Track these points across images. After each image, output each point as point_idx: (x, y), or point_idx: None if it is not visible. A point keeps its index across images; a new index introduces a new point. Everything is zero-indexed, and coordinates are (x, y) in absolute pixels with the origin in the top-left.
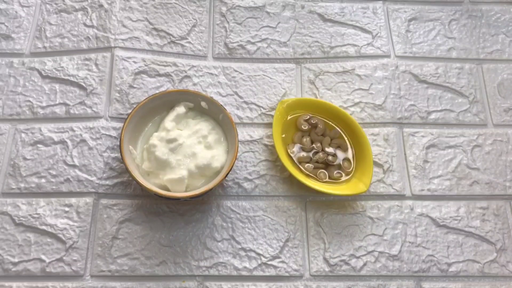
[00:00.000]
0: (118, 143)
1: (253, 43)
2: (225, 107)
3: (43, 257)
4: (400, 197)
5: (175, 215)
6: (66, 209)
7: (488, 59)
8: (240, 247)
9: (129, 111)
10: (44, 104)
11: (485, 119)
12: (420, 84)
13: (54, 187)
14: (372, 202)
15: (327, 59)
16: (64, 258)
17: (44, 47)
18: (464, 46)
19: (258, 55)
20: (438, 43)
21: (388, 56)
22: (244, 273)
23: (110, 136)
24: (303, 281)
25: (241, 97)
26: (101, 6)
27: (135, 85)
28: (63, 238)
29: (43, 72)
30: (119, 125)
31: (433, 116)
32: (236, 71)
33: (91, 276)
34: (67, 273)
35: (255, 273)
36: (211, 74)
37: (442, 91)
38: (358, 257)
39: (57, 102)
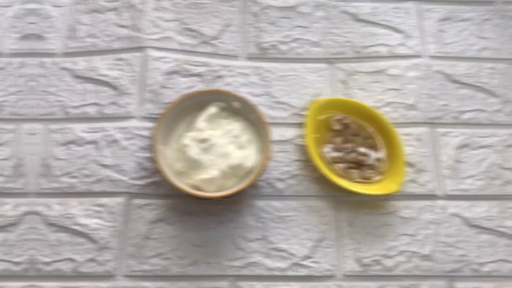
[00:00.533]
0: (150, 143)
1: (285, 43)
2: (257, 107)
3: (75, 257)
4: (433, 197)
5: (207, 215)
6: (99, 209)
7: None
8: (272, 247)
9: (161, 111)
10: (76, 104)
11: None
12: (453, 84)
13: (86, 187)
14: (405, 202)
15: (359, 59)
16: (97, 258)
17: (77, 47)
18: (496, 46)
19: (291, 55)
20: (471, 43)
21: (421, 56)
22: (276, 273)
23: (142, 136)
24: (336, 281)
25: (273, 97)
26: (133, 6)
27: (167, 85)
28: (96, 238)
29: (75, 72)
30: (151, 125)
31: (465, 116)
32: (268, 71)
33: (123, 276)
34: (100, 273)
35: (287, 273)
36: (244, 74)
37: (474, 91)
38: (390, 257)
39: (89, 102)
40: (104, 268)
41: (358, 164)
